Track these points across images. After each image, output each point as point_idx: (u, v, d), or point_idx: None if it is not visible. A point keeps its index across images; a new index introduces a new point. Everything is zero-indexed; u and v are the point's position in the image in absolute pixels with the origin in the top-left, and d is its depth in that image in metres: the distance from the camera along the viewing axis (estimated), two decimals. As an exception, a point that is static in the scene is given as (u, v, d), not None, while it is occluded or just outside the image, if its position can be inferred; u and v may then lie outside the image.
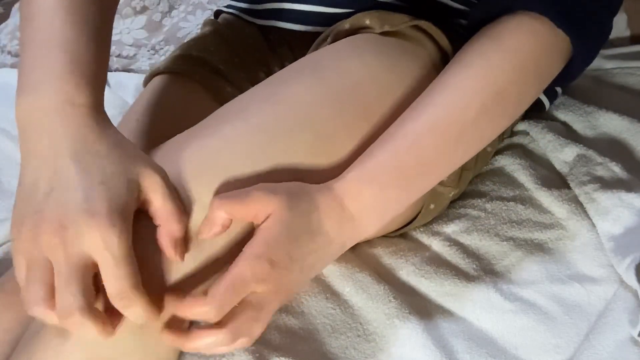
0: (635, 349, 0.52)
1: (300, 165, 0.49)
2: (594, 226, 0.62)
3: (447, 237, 0.64)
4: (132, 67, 1.11)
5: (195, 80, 0.70)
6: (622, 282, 0.57)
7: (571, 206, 0.64)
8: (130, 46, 1.15)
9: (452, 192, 0.64)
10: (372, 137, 0.51)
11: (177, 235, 0.43)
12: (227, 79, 0.72)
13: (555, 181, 0.68)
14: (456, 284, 0.59)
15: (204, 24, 0.81)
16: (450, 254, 0.62)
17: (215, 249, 0.46)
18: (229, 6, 0.81)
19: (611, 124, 0.74)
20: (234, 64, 0.73)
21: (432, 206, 0.62)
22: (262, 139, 0.49)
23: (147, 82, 0.73)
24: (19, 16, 0.52)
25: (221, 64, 0.72)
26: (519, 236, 0.63)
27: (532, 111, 0.71)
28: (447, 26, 0.61)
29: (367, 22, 0.60)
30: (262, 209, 0.44)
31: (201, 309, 0.42)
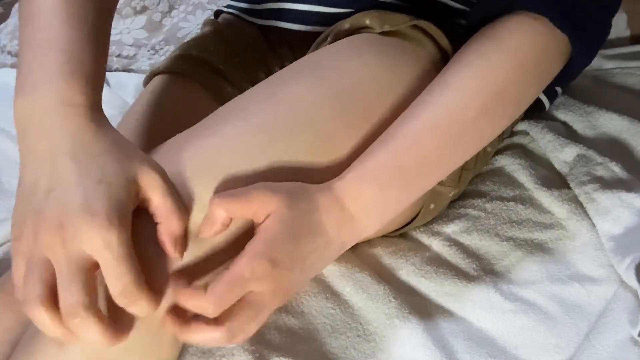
0: (635, 349, 0.52)
1: (300, 165, 0.49)
2: (594, 226, 0.62)
3: (447, 237, 0.64)
4: (132, 67, 1.11)
5: (195, 80, 0.70)
6: (622, 282, 0.57)
7: (571, 206, 0.64)
8: (130, 46, 1.15)
9: (452, 192, 0.64)
10: (372, 136, 0.51)
11: (177, 232, 0.43)
12: (227, 79, 0.72)
13: (555, 181, 0.68)
14: (456, 284, 0.59)
15: (204, 24, 0.81)
16: (450, 254, 0.62)
17: (214, 246, 0.46)
18: (229, 6, 0.81)
19: (611, 124, 0.74)
20: (234, 64, 0.73)
21: (432, 206, 0.62)
22: (262, 138, 0.49)
23: (147, 82, 0.73)
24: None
25: (221, 64, 0.72)
26: (519, 236, 0.63)
27: (532, 111, 0.71)
28: (447, 26, 0.61)
29: (367, 22, 0.60)
30: (262, 207, 0.44)
31: (199, 303, 0.42)
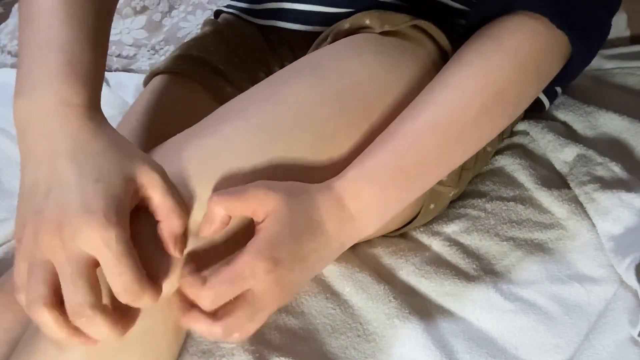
0: (635, 349, 0.52)
1: (300, 165, 0.49)
2: (594, 226, 0.62)
3: (447, 237, 0.64)
4: (132, 67, 1.11)
5: (195, 80, 0.70)
6: (622, 282, 0.57)
7: (571, 206, 0.64)
8: (130, 46, 1.15)
9: (452, 192, 0.64)
10: (372, 136, 0.51)
11: (178, 231, 0.43)
12: (227, 79, 0.72)
13: (555, 181, 0.68)
14: (456, 284, 0.59)
15: (204, 24, 0.81)
16: (450, 254, 0.62)
17: (214, 244, 0.46)
18: (229, 6, 0.81)
19: (611, 124, 0.74)
20: (234, 64, 0.73)
21: (432, 206, 0.62)
22: (262, 138, 0.49)
23: (147, 82, 0.73)
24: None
25: (221, 64, 0.72)
26: (519, 236, 0.63)
27: (532, 111, 0.71)
28: (447, 26, 0.61)
29: (367, 22, 0.60)
30: (260, 205, 0.44)
31: (197, 292, 0.42)
